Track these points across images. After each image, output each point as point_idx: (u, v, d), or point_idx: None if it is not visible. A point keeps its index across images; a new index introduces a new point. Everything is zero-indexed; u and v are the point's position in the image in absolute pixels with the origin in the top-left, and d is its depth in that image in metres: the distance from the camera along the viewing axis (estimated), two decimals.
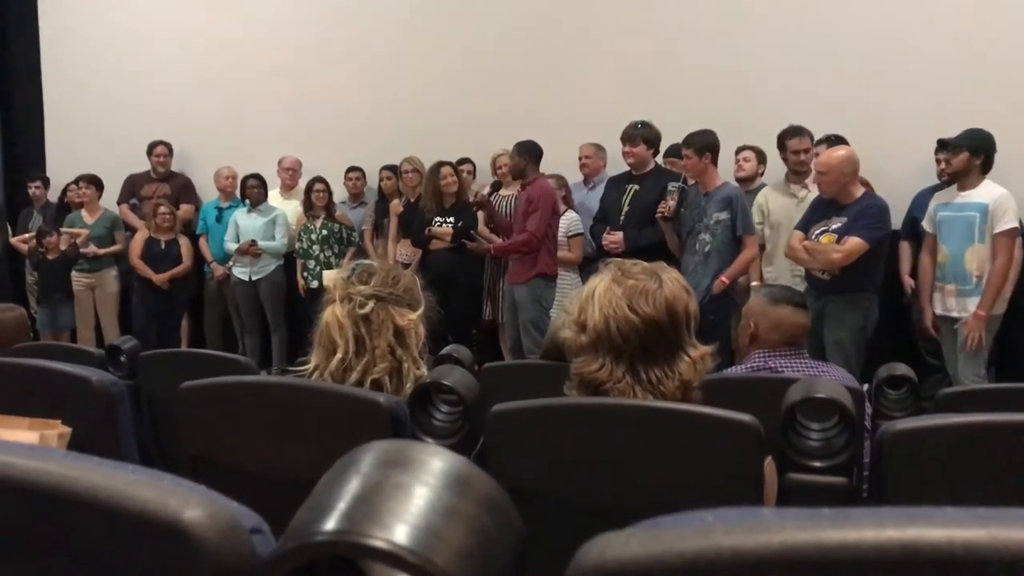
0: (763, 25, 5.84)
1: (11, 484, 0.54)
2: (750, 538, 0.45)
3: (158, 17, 7.22)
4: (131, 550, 0.53)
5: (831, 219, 4.31)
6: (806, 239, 4.35)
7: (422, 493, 0.48)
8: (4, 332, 3.31)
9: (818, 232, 4.34)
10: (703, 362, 1.61)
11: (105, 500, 0.52)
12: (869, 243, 4.17)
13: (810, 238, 4.34)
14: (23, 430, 1.51)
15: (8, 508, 0.56)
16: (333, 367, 1.88)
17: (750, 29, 5.86)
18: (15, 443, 0.62)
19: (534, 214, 5.07)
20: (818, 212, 4.41)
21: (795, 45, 5.72)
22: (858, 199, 4.30)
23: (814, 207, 4.47)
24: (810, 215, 4.45)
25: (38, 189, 7.06)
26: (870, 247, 4.17)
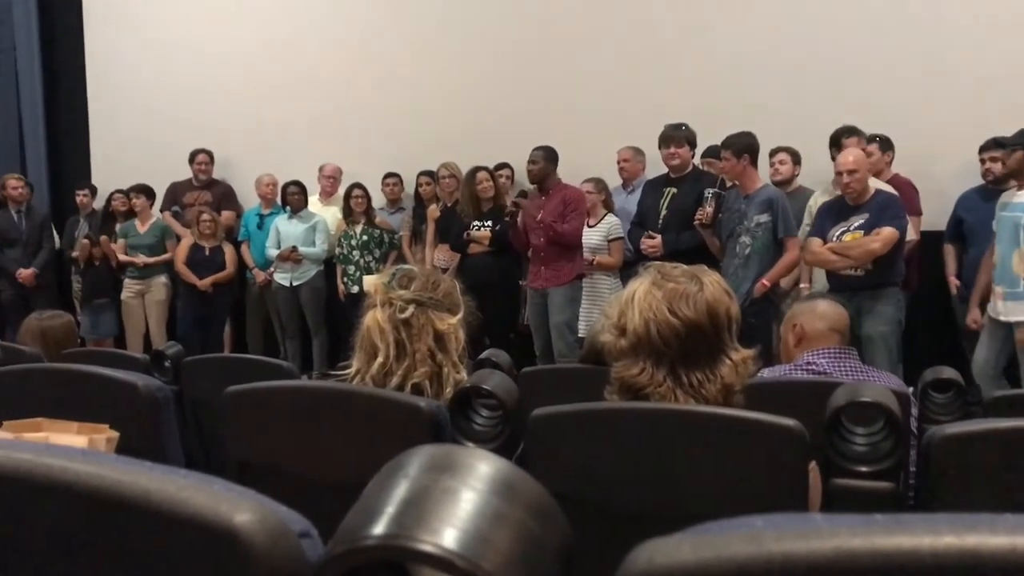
0: (803, 25, 5.78)
1: (65, 487, 0.55)
2: (802, 544, 0.45)
3: (198, 29, 7.32)
4: (182, 554, 0.54)
5: (849, 219, 4.39)
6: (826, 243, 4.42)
7: (470, 498, 0.48)
8: (53, 338, 3.38)
9: (838, 234, 4.40)
10: (745, 366, 1.59)
11: (158, 504, 0.52)
12: (900, 232, 4.29)
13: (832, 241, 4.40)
14: (72, 434, 1.54)
15: (62, 512, 0.57)
16: (374, 371, 1.89)
17: (789, 30, 5.80)
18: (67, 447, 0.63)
19: (576, 214, 5.17)
20: (831, 216, 4.49)
21: (837, 45, 5.65)
22: (873, 195, 4.41)
23: (824, 213, 4.55)
24: (823, 221, 4.51)
25: (85, 197, 7.20)
26: (900, 236, 4.29)
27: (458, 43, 6.70)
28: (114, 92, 7.58)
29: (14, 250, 6.72)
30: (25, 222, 6.80)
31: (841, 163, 4.41)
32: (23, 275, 6.61)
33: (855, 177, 4.32)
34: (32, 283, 6.65)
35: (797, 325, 2.63)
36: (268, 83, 7.10)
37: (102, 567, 0.58)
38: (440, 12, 6.82)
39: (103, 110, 7.69)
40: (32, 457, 0.56)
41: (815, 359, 2.56)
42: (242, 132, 7.13)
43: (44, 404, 1.77)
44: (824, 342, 2.59)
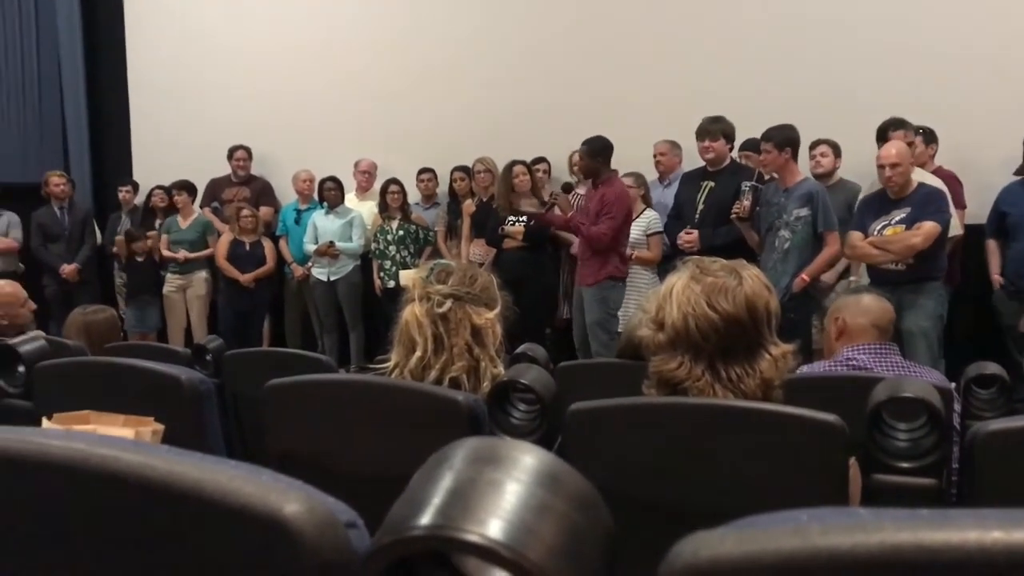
0: (844, 16, 5.71)
1: (119, 478, 0.56)
2: (847, 538, 0.44)
3: (237, 28, 7.40)
4: (232, 543, 0.55)
5: (890, 213, 4.34)
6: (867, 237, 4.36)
7: (515, 489, 0.48)
8: (97, 332, 3.44)
9: (879, 228, 4.34)
10: (784, 360, 1.58)
11: (209, 495, 0.54)
12: (942, 226, 4.23)
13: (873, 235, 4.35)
14: (118, 427, 1.57)
15: (115, 501, 0.58)
16: (412, 365, 1.90)
17: (831, 20, 5.73)
18: (119, 438, 0.64)
19: (607, 218, 5.01)
20: (872, 210, 4.43)
21: (879, 36, 5.58)
22: (916, 188, 4.35)
23: (865, 207, 4.50)
24: (863, 215, 4.46)
25: (127, 193, 7.30)
26: (942, 230, 4.23)
27: (494, 38, 6.70)
28: (155, 90, 7.69)
29: (57, 246, 6.84)
30: (68, 218, 6.92)
31: (883, 156, 4.35)
32: (66, 271, 6.73)
33: (897, 171, 4.27)
34: (75, 278, 6.77)
35: (839, 318, 2.61)
36: (305, 80, 7.15)
37: (154, 556, 0.59)
38: (476, 6, 6.83)
39: (144, 107, 7.80)
40: (86, 447, 0.57)
41: (855, 355, 2.54)
42: (280, 128, 7.19)
43: (90, 397, 1.81)
44: (864, 337, 2.57)
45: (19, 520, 0.61)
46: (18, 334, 3.00)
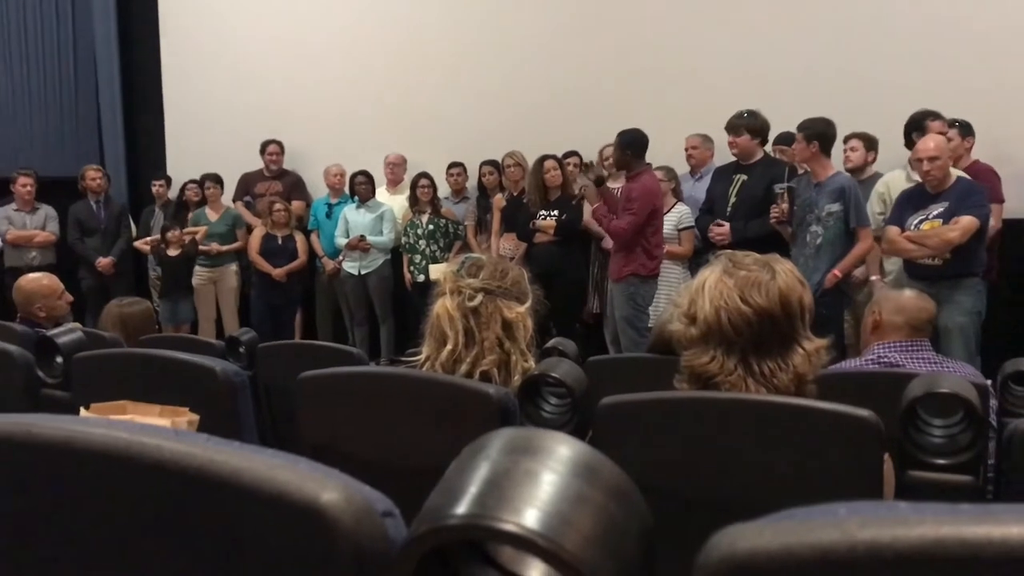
0: (877, 7, 5.64)
1: (160, 466, 0.57)
2: (886, 531, 0.44)
3: (269, 24, 7.45)
4: (270, 531, 0.56)
5: (927, 208, 4.28)
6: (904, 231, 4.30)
7: (551, 480, 0.49)
8: (132, 324, 3.49)
9: (916, 222, 4.28)
10: (818, 356, 1.56)
11: (247, 482, 0.54)
12: (980, 221, 4.17)
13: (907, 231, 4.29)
14: (155, 417, 1.59)
15: (156, 489, 0.59)
16: (443, 358, 1.91)
17: (863, 11, 5.66)
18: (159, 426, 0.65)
19: (629, 213, 4.91)
20: (910, 204, 4.36)
21: (916, 29, 5.51)
22: (955, 182, 4.29)
23: (903, 201, 4.42)
24: (901, 209, 4.39)
25: (161, 187, 7.39)
26: (980, 225, 4.17)
27: (525, 31, 6.69)
28: (188, 85, 7.77)
29: (93, 239, 6.93)
30: (104, 212, 7.00)
31: (921, 150, 4.27)
32: (102, 263, 6.82)
33: (936, 164, 4.20)
34: (110, 271, 6.85)
35: (876, 312, 2.58)
36: (336, 75, 7.19)
37: (192, 542, 0.60)
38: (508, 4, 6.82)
39: (178, 102, 7.88)
40: (128, 436, 0.58)
41: (886, 352, 2.51)
42: (311, 123, 7.24)
43: (126, 388, 1.83)
44: (896, 335, 2.54)
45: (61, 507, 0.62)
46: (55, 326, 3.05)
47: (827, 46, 5.70)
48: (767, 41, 5.91)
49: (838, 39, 5.68)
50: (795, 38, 5.83)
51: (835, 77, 5.55)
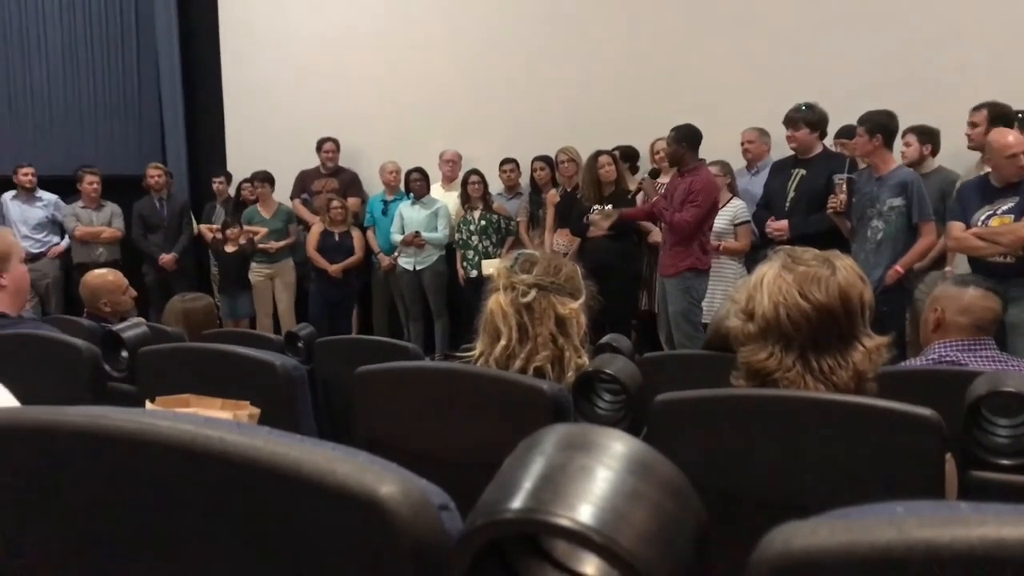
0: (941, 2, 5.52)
1: (224, 457, 0.59)
2: (946, 531, 0.44)
3: (325, 22, 7.54)
4: (329, 522, 0.57)
5: (995, 202, 4.06)
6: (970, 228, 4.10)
7: (605, 476, 0.49)
8: (195, 319, 3.56)
9: (983, 218, 4.07)
10: (878, 353, 1.54)
11: (308, 475, 0.55)
12: None
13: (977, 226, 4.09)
14: (217, 410, 1.63)
15: (219, 480, 0.61)
16: (497, 354, 1.91)
17: (926, 7, 5.54)
18: (222, 419, 0.67)
19: (692, 206, 4.93)
20: (976, 199, 4.14)
21: (983, 20, 5.36)
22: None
23: (966, 195, 4.21)
24: (964, 204, 4.18)
25: (221, 184, 7.54)
26: None
27: (578, 27, 6.68)
28: (247, 83, 7.90)
29: (156, 235, 7.10)
30: (166, 209, 7.17)
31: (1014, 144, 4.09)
32: (164, 260, 6.98)
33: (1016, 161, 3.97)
34: (173, 267, 7.01)
35: (939, 309, 2.51)
36: (391, 73, 7.25)
37: (254, 533, 0.61)
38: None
39: (237, 102, 8.03)
40: (194, 428, 0.60)
41: (947, 352, 2.45)
42: (367, 121, 7.31)
43: (189, 381, 1.88)
44: (959, 335, 2.47)
45: (129, 497, 0.64)
46: (120, 320, 3.13)
47: (891, 38, 5.58)
48: (824, 33, 5.81)
49: (903, 32, 5.56)
50: (855, 31, 5.72)
51: (898, 69, 5.43)
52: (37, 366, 2.29)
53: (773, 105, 5.18)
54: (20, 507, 0.67)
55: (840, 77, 5.51)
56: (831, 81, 5.44)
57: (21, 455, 0.66)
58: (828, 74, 5.57)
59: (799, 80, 5.54)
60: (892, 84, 5.23)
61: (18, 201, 7.08)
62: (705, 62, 6.19)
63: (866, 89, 5.19)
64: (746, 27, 6.11)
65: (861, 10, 5.75)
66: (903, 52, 5.50)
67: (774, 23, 6.02)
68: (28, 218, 7.03)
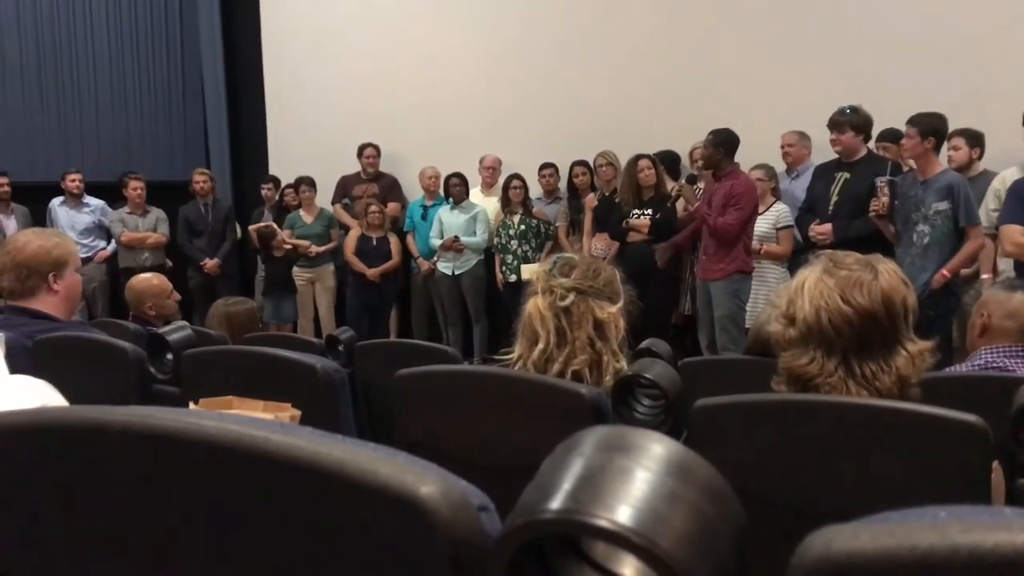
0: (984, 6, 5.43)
1: (267, 457, 0.60)
2: (990, 536, 0.43)
3: (366, 29, 7.62)
4: (371, 522, 0.58)
5: None
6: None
7: (645, 477, 0.49)
8: (238, 323, 3.61)
9: None
10: (922, 358, 1.51)
11: (351, 474, 0.56)
12: None
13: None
14: (259, 412, 1.65)
15: (263, 479, 0.62)
16: (535, 357, 1.92)
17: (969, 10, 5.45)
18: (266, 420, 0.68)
19: (735, 209, 4.96)
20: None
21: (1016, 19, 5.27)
22: None
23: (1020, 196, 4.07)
24: (1019, 205, 4.05)
25: (269, 190, 7.62)
26: None
27: (616, 31, 6.66)
28: (290, 90, 8.00)
29: (201, 240, 7.20)
30: (211, 214, 7.27)
31: None
32: (208, 265, 7.08)
33: None
34: (216, 272, 7.11)
35: (985, 314, 2.47)
36: (431, 78, 7.30)
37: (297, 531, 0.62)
38: (598, 2, 6.81)
39: (280, 107, 8.13)
40: (239, 428, 0.61)
41: (993, 357, 2.40)
42: (407, 126, 7.36)
43: (232, 383, 1.91)
44: (1006, 339, 2.43)
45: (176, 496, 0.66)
46: (165, 323, 3.18)
47: (932, 40, 5.50)
48: (868, 35, 5.74)
49: (943, 33, 5.48)
50: (896, 32, 5.64)
51: (941, 71, 5.34)
52: (84, 368, 2.34)
53: (812, 108, 5.12)
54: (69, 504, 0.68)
55: (879, 79, 5.44)
56: (870, 83, 5.37)
57: (70, 453, 0.68)
58: (867, 76, 5.50)
59: (838, 83, 5.47)
60: (933, 85, 5.15)
61: (66, 207, 7.22)
62: (745, 65, 6.14)
63: (905, 91, 5.12)
64: (784, 30, 6.05)
65: (901, 11, 5.68)
66: (945, 53, 5.42)
67: (813, 25, 5.96)
68: (75, 223, 7.17)
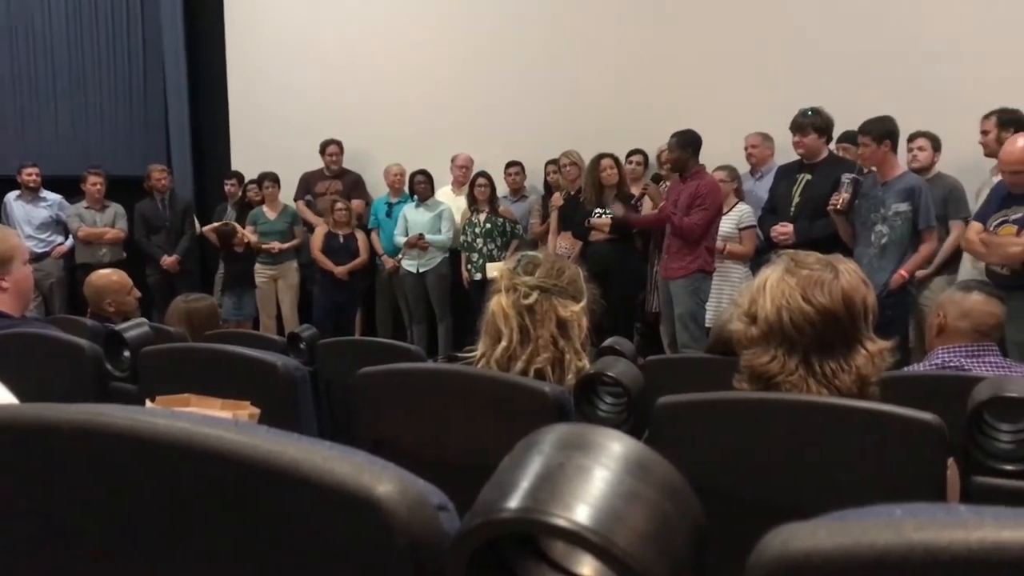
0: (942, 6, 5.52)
1: (220, 455, 0.59)
2: (945, 534, 0.43)
3: (331, 24, 7.55)
4: (326, 521, 0.57)
5: (1011, 208, 3.94)
6: (985, 231, 4.02)
7: (603, 476, 0.49)
8: (197, 320, 3.56)
9: (996, 223, 3.98)
10: (881, 357, 1.53)
11: (306, 474, 0.55)
12: None
13: (988, 229, 4.01)
14: (217, 410, 1.63)
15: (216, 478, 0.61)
16: (498, 355, 1.92)
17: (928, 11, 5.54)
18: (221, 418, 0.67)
19: (700, 209, 5.03)
20: (996, 202, 4.05)
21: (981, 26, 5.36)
22: None
23: (992, 196, 4.12)
24: (988, 205, 4.10)
25: (232, 186, 7.53)
26: None
27: (586, 32, 6.68)
28: (253, 85, 7.90)
29: (159, 236, 7.10)
30: (168, 210, 7.17)
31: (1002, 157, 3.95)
32: (166, 262, 6.98)
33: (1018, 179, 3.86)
34: (175, 269, 7.02)
35: (942, 315, 2.51)
36: (396, 75, 7.26)
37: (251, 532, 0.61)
38: (567, 3, 6.82)
39: (242, 103, 8.03)
40: (191, 426, 0.60)
41: (951, 357, 2.45)
42: (372, 123, 7.31)
43: (191, 381, 1.88)
44: (962, 339, 2.47)
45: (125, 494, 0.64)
46: (124, 320, 3.13)
47: (890, 44, 5.58)
48: (829, 40, 5.81)
49: (902, 38, 5.56)
50: (856, 37, 5.72)
51: (898, 75, 5.43)
52: (40, 365, 2.29)
53: (776, 109, 5.17)
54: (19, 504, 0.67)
55: (841, 81, 5.51)
56: (832, 85, 5.43)
57: (20, 452, 0.66)
58: (829, 78, 5.57)
59: (801, 85, 5.54)
60: (892, 89, 5.23)
61: (22, 201, 7.09)
62: (710, 67, 6.19)
63: (866, 93, 5.19)
64: (749, 32, 6.11)
65: (862, 14, 5.75)
66: (904, 57, 5.50)
67: (776, 28, 6.02)
68: (32, 218, 7.04)
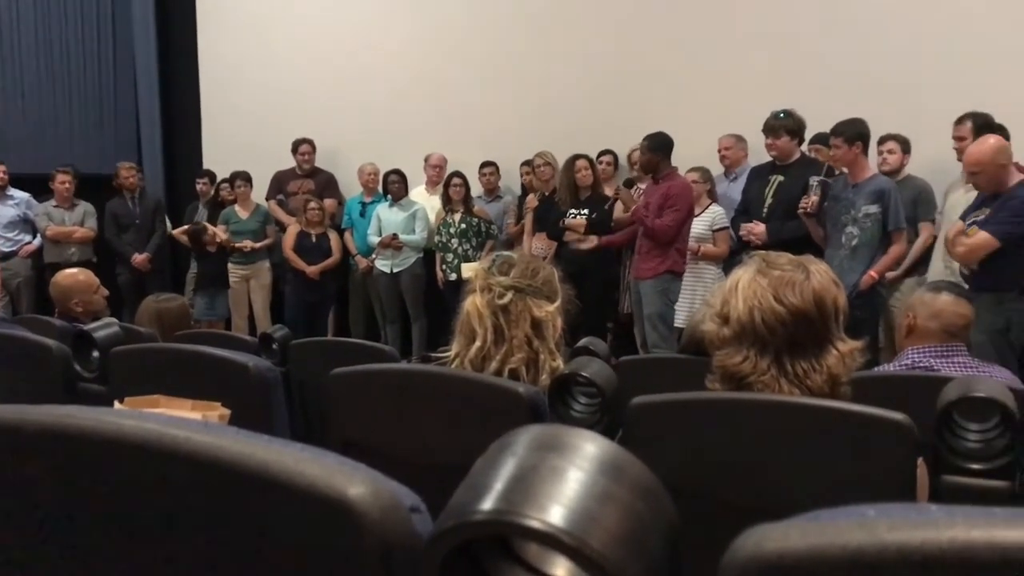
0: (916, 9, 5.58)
1: (190, 457, 0.58)
2: (916, 534, 0.44)
3: (303, 24, 7.52)
4: (298, 523, 0.56)
5: (980, 210, 3.96)
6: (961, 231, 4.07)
7: (577, 477, 0.48)
8: (168, 320, 3.53)
9: (969, 222, 3.99)
10: (852, 357, 1.55)
11: (275, 475, 0.55)
12: (998, 239, 3.77)
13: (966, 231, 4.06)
14: (187, 411, 1.61)
15: (185, 480, 0.60)
16: (472, 355, 1.91)
17: (903, 13, 5.60)
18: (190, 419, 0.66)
19: (672, 211, 5.06)
20: (977, 202, 4.06)
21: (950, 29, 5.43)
22: (1009, 189, 3.88)
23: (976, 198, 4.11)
24: (970, 205, 4.13)
25: (204, 185, 7.46)
26: (1000, 244, 3.77)
27: (559, 33, 6.68)
28: (225, 84, 7.84)
29: (129, 235, 7.02)
30: (139, 208, 7.09)
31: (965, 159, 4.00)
32: (137, 260, 6.90)
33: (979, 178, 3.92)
34: (146, 267, 6.94)
35: (911, 316, 2.54)
36: (370, 74, 7.24)
37: (221, 534, 0.60)
38: (539, 3, 6.82)
39: (214, 102, 7.97)
40: (159, 428, 0.59)
41: (920, 357, 2.47)
42: (345, 122, 7.28)
43: (161, 382, 1.86)
44: (931, 340, 2.50)
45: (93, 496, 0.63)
46: (92, 320, 3.09)
47: (862, 47, 5.64)
48: (801, 42, 5.86)
49: (873, 40, 5.62)
50: (828, 40, 5.76)
51: (869, 78, 5.48)
52: (6, 366, 2.26)
53: (748, 111, 5.21)
54: None
55: (812, 84, 5.56)
56: (803, 87, 5.49)
57: None
58: (800, 80, 5.62)
59: (773, 87, 5.58)
60: (863, 91, 5.28)
61: None
62: (682, 69, 6.22)
63: (837, 95, 5.24)
64: (723, 34, 6.15)
65: (832, 18, 5.80)
66: (875, 60, 5.55)
67: (749, 31, 6.06)
68: None
